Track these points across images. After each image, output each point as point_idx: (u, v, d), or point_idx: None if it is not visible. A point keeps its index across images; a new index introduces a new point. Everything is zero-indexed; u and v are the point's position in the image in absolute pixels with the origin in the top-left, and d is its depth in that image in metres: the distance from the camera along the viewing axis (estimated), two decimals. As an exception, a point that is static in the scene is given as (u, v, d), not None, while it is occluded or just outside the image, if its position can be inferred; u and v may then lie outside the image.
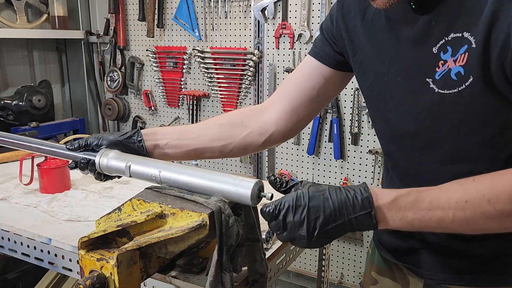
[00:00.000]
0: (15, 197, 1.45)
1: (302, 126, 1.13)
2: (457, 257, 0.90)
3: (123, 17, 2.91)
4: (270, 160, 2.58)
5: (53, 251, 1.19)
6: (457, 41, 0.76)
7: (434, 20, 0.79)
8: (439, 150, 0.84)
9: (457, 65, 0.76)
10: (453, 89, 0.77)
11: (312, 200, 0.74)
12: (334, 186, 0.78)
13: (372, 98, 0.95)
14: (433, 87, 0.80)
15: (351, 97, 2.26)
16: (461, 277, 0.90)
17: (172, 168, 0.87)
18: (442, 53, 0.79)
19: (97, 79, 3.16)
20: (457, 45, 0.76)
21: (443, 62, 0.78)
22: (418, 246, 0.95)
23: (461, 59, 0.75)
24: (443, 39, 0.78)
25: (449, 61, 0.77)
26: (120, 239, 0.81)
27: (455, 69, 0.76)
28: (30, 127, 2.65)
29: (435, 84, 0.80)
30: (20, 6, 2.74)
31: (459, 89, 0.76)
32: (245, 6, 2.48)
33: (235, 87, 2.59)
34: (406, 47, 0.84)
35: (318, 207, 0.73)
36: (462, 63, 0.75)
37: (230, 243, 0.80)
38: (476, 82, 0.74)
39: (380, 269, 1.11)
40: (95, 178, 1.00)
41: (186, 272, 1.00)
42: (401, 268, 1.03)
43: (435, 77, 0.80)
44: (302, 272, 2.61)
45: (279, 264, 1.19)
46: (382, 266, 1.10)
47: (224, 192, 0.80)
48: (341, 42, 0.99)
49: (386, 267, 1.08)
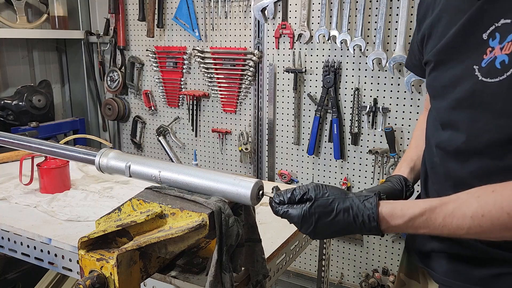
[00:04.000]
0: (15, 197, 1.45)
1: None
2: (472, 265, 0.87)
3: (123, 17, 2.91)
4: (270, 160, 2.58)
5: (53, 251, 1.19)
6: (506, 28, 0.74)
7: (486, 4, 0.77)
8: (477, 142, 0.81)
9: (503, 53, 0.73)
10: (495, 78, 0.75)
11: (319, 221, 0.78)
12: (344, 200, 0.78)
13: (433, 90, 0.94)
14: (477, 75, 0.78)
15: (351, 97, 2.26)
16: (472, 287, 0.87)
17: (172, 168, 0.87)
18: (491, 40, 0.76)
19: (97, 79, 3.16)
20: (505, 32, 0.74)
21: (491, 49, 0.76)
22: (437, 249, 0.93)
23: (507, 47, 0.73)
24: (493, 25, 0.76)
25: (496, 48, 0.75)
26: (120, 239, 0.81)
27: (500, 57, 0.74)
28: (30, 127, 2.65)
29: (480, 71, 0.78)
30: (20, 6, 2.74)
31: (501, 78, 0.74)
32: (245, 6, 2.48)
33: (235, 87, 2.59)
34: (461, 33, 0.82)
35: (324, 227, 0.78)
36: (507, 51, 0.73)
37: (230, 243, 0.80)
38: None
39: (408, 272, 1.10)
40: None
41: (186, 272, 1.00)
42: (423, 271, 1.02)
43: (481, 64, 0.77)
44: (302, 272, 2.61)
45: (279, 264, 1.19)
46: (410, 269, 1.09)
47: (224, 192, 0.80)
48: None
49: (414, 270, 1.07)
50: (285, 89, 2.45)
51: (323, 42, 2.28)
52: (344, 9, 2.16)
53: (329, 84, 2.27)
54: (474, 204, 0.71)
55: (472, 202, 0.71)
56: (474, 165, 0.83)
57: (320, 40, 2.26)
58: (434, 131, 0.94)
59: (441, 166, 0.92)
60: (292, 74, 2.39)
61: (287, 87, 2.44)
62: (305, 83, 2.38)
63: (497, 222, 0.68)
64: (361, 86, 2.23)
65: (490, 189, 0.71)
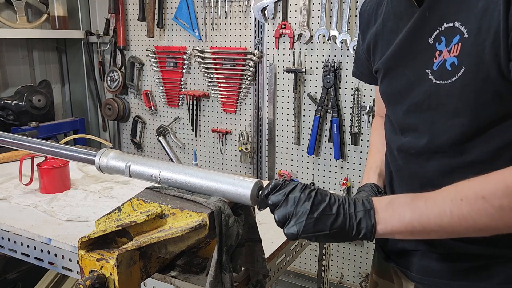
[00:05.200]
0: (15, 197, 1.45)
1: None
2: (448, 261, 0.89)
3: (123, 17, 2.91)
4: (270, 160, 2.58)
5: (53, 251, 1.19)
6: (450, 31, 0.77)
7: (428, 10, 0.80)
8: (438, 142, 0.83)
9: (452, 55, 0.76)
10: (447, 79, 0.77)
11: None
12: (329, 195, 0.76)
13: (387, 96, 0.97)
14: (431, 78, 0.81)
15: (351, 97, 2.26)
16: (451, 282, 0.89)
17: (172, 168, 0.87)
18: (437, 44, 0.79)
19: (97, 79, 3.16)
20: (450, 35, 0.77)
21: (439, 53, 0.79)
22: (410, 248, 0.95)
23: (454, 50, 0.76)
24: (437, 30, 0.79)
25: (444, 51, 0.78)
26: (120, 239, 0.81)
27: (450, 60, 0.77)
28: (30, 127, 2.65)
29: (433, 75, 0.80)
30: (20, 6, 2.74)
31: (453, 79, 0.76)
32: (245, 6, 2.48)
33: (235, 87, 2.59)
34: (408, 40, 0.85)
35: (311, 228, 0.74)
36: (456, 53, 0.76)
37: (230, 243, 0.80)
38: (467, 72, 0.74)
39: (379, 272, 1.11)
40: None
41: (186, 272, 1.00)
42: (396, 271, 1.03)
43: (433, 68, 0.80)
44: (302, 272, 2.61)
45: (279, 264, 1.19)
46: (381, 269, 1.10)
47: (224, 192, 0.80)
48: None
49: (385, 270, 1.08)
50: (285, 89, 2.45)
51: (323, 42, 2.28)
52: (344, 9, 2.17)
53: (329, 84, 2.27)
54: (452, 189, 0.73)
55: (450, 189, 0.73)
56: (436, 163, 0.85)
57: (320, 40, 2.27)
58: (393, 136, 0.97)
59: (405, 168, 0.94)
60: (292, 74, 2.39)
61: (287, 87, 2.44)
62: (305, 83, 2.38)
63: (476, 207, 0.69)
64: (361, 86, 2.23)
65: (466, 180, 0.73)
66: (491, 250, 0.83)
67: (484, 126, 0.77)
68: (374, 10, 1.00)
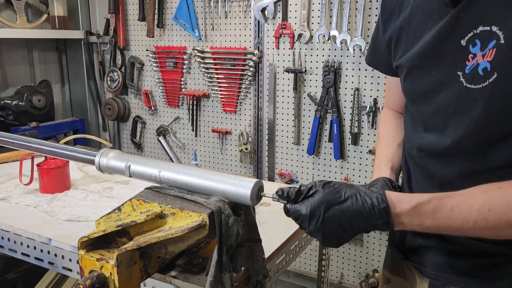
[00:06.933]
0: (15, 197, 1.45)
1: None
2: (463, 258, 0.89)
3: (123, 17, 2.91)
4: (270, 160, 2.58)
5: (53, 251, 1.19)
6: (485, 35, 0.75)
7: (463, 12, 0.79)
8: (462, 145, 0.82)
9: (485, 60, 0.75)
10: (478, 84, 0.76)
11: (328, 211, 0.75)
12: (351, 188, 0.77)
13: (411, 95, 0.95)
14: (462, 81, 0.79)
15: (351, 97, 2.26)
16: (466, 279, 0.89)
17: (172, 168, 0.87)
18: (471, 46, 0.78)
19: (97, 79, 3.16)
20: (485, 39, 0.75)
21: (473, 56, 0.77)
22: (425, 245, 0.94)
23: (489, 54, 0.74)
24: (472, 32, 0.77)
25: (478, 55, 0.76)
26: (120, 239, 0.81)
27: (483, 64, 0.75)
28: (30, 127, 2.65)
29: (465, 77, 0.79)
30: (20, 6, 2.74)
31: (483, 85, 0.75)
32: (245, 6, 2.48)
33: (235, 87, 2.59)
34: (439, 40, 0.83)
35: (333, 218, 0.75)
36: (489, 58, 0.74)
37: (230, 243, 0.80)
38: (499, 79, 0.73)
39: (392, 269, 1.11)
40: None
41: (186, 272, 1.00)
42: (410, 267, 1.03)
43: (465, 70, 0.79)
44: (302, 272, 2.61)
45: (279, 264, 1.19)
46: (394, 265, 1.09)
47: (224, 192, 0.80)
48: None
49: (398, 266, 1.08)
50: (285, 89, 2.45)
51: (323, 42, 2.28)
52: (344, 9, 2.16)
53: (329, 84, 2.27)
54: (481, 198, 0.71)
55: (479, 196, 0.72)
56: (457, 166, 0.84)
57: (320, 40, 2.27)
58: (414, 134, 0.96)
59: (424, 167, 0.93)
60: (292, 74, 2.39)
61: (287, 87, 2.44)
62: (305, 83, 2.38)
63: (503, 218, 0.69)
64: (361, 86, 2.23)
65: (497, 186, 0.72)
66: (506, 249, 0.83)
67: (508, 133, 0.76)
68: (399, 1, 0.96)
